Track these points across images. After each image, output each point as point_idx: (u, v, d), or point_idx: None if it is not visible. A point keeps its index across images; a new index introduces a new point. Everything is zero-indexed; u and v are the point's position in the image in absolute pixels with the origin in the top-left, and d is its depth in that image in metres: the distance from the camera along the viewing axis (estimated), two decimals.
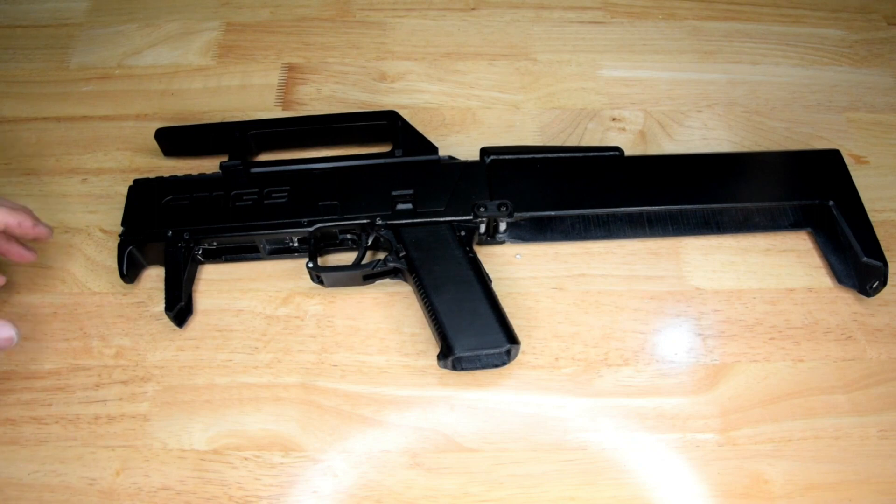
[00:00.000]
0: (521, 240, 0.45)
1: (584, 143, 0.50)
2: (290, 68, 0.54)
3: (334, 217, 0.42)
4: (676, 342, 0.43)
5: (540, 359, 0.42)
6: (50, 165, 0.49)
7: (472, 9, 0.58)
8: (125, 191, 0.47)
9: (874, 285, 0.43)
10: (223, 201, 0.43)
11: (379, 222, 0.42)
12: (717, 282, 0.45)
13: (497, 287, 0.43)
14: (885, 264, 0.43)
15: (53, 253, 0.45)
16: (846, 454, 0.39)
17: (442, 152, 0.46)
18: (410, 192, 0.43)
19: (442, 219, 0.42)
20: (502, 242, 0.45)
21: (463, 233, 0.42)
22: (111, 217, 0.46)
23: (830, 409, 0.41)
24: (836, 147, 0.48)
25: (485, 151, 0.45)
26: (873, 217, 0.45)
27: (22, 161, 0.49)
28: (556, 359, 0.42)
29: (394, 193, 0.43)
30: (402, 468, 0.39)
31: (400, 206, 0.42)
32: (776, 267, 0.45)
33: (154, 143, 0.48)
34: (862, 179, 0.47)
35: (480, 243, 0.45)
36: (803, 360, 0.42)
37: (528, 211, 0.43)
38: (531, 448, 0.39)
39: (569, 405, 0.41)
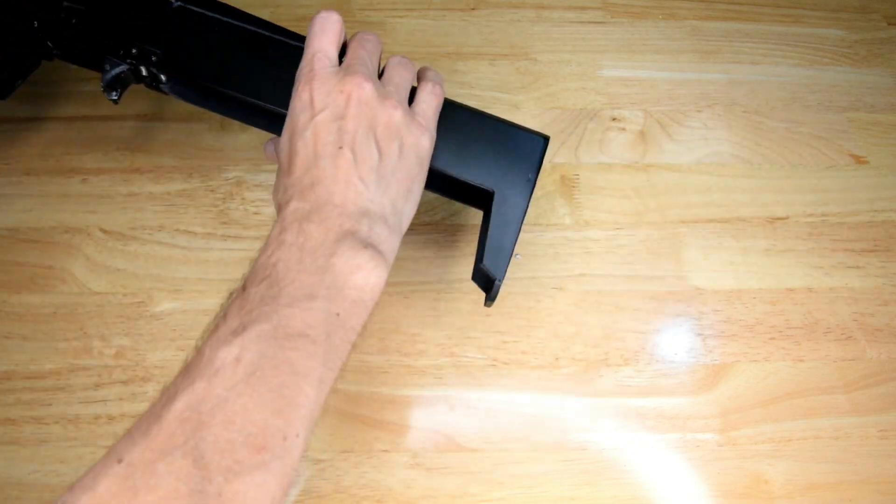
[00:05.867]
0: (183, 98, 0.40)
1: (583, 143, 0.50)
2: None
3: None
4: (676, 342, 0.43)
5: (540, 359, 0.42)
6: (50, 165, 0.49)
7: (472, 9, 0.58)
8: (125, 191, 0.47)
9: (487, 294, 0.37)
10: None
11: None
12: (717, 282, 0.45)
13: None
14: (497, 280, 0.36)
15: (53, 253, 0.45)
16: (846, 454, 0.39)
17: None
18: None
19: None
20: (166, 93, 0.40)
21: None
22: (111, 217, 0.46)
23: (830, 409, 0.41)
24: (837, 146, 0.48)
25: None
26: (873, 217, 0.45)
27: (22, 161, 0.49)
28: (556, 359, 0.42)
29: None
30: (402, 468, 0.39)
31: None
32: (776, 267, 0.46)
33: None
34: (862, 179, 0.48)
35: (150, 87, 0.41)
36: (803, 360, 0.42)
37: (195, 79, 0.39)
38: (531, 448, 0.39)
39: (569, 405, 0.41)
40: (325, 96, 0.33)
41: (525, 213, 0.37)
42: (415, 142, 0.34)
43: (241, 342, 0.26)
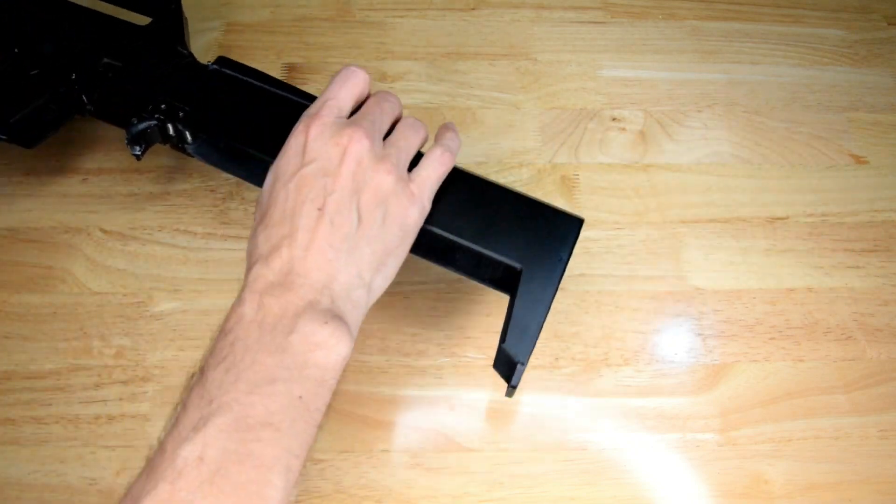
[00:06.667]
0: (206, 159, 0.40)
1: (583, 143, 0.50)
2: (290, 68, 0.54)
3: None
4: (676, 342, 0.43)
5: (540, 359, 0.42)
6: (50, 165, 0.49)
7: (472, 9, 0.58)
8: (125, 191, 0.47)
9: (509, 382, 0.35)
10: None
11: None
12: (717, 282, 0.45)
13: None
14: (519, 364, 0.34)
15: (53, 253, 0.45)
16: (846, 454, 0.39)
17: None
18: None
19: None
20: (191, 155, 0.41)
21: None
22: (111, 217, 0.46)
23: (830, 409, 0.41)
24: (837, 146, 0.48)
25: (221, 61, 0.41)
26: (873, 217, 0.45)
27: (22, 161, 0.49)
28: (556, 359, 0.42)
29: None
30: (402, 468, 0.39)
31: None
32: (776, 267, 0.46)
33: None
34: (862, 179, 0.47)
35: (174, 148, 0.41)
36: (803, 360, 0.42)
37: (221, 137, 0.39)
38: (531, 448, 0.39)
39: (569, 405, 0.41)
40: (320, 145, 0.32)
41: (554, 294, 0.35)
42: (401, 213, 0.32)
43: (203, 439, 0.25)
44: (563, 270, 0.36)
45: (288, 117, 0.39)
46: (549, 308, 0.35)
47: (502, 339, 0.34)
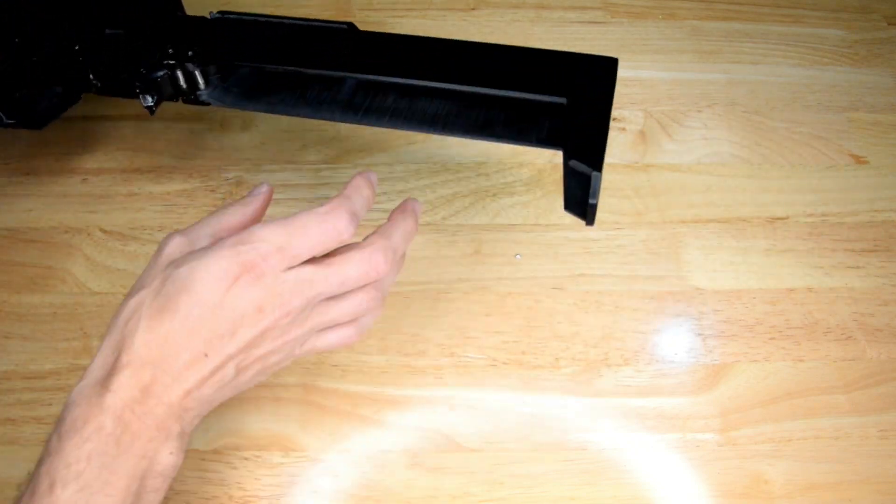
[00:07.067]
0: (220, 102, 0.40)
1: None
2: None
3: None
4: (676, 342, 0.43)
5: (540, 359, 0.42)
6: (50, 165, 0.49)
7: (472, 9, 0.58)
8: (125, 191, 0.47)
9: (588, 202, 0.31)
10: None
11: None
12: (717, 282, 0.45)
13: (497, 287, 0.43)
14: (594, 175, 0.30)
15: (53, 253, 0.45)
16: (846, 454, 0.39)
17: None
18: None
19: None
20: (207, 104, 0.40)
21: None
22: (111, 217, 0.46)
23: (830, 409, 0.41)
24: (837, 146, 0.48)
25: (222, 12, 0.41)
26: (873, 217, 0.45)
27: (22, 161, 0.49)
28: (556, 359, 0.42)
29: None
30: (402, 468, 0.39)
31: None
32: (776, 267, 0.46)
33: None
34: (862, 179, 0.47)
35: (187, 101, 0.41)
36: (803, 360, 0.42)
37: (234, 64, 0.38)
38: (531, 448, 0.39)
39: (569, 405, 0.41)
40: (243, 300, 0.29)
41: (609, 116, 0.32)
42: (272, 370, 0.32)
43: None
44: (612, 98, 0.34)
45: (296, 36, 0.39)
46: (608, 121, 0.32)
47: (567, 158, 0.31)
